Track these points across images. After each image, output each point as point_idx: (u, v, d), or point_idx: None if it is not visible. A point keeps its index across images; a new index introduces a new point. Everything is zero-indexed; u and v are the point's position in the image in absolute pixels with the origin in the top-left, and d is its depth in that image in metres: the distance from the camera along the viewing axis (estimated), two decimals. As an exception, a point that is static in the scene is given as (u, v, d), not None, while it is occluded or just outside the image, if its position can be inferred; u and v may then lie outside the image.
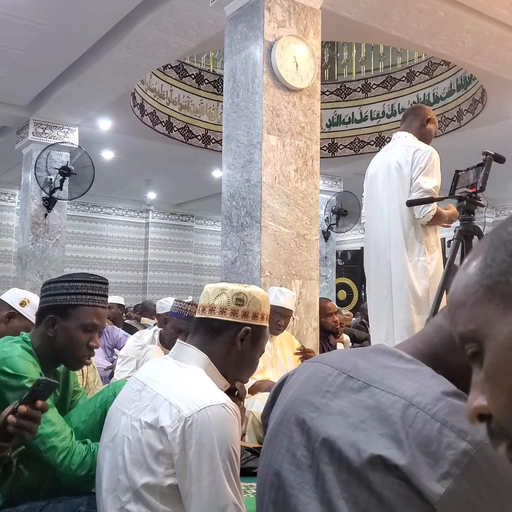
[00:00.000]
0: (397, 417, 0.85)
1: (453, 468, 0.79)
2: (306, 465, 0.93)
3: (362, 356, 1.01)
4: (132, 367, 3.48)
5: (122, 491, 1.29)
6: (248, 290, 1.45)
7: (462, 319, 0.57)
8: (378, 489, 0.83)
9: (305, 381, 1.03)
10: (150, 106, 7.81)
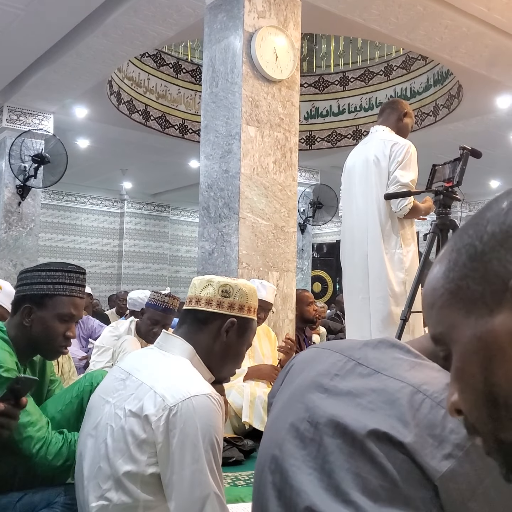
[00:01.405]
0: (404, 401, 0.87)
1: (456, 451, 0.82)
2: (309, 438, 0.95)
3: (372, 346, 1.02)
4: (108, 357, 3.46)
5: (103, 479, 1.28)
6: (234, 282, 1.45)
7: (432, 321, 0.58)
8: (382, 461, 0.85)
9: (314, 366, 1.05)
10: (127, 94, 7.73)
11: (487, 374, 0.53)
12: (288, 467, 0.96)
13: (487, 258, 0.53)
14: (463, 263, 0.55)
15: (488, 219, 0.57)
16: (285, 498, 0.95)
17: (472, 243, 0.56)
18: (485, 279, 0.53)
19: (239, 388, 3.20)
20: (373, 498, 0.85)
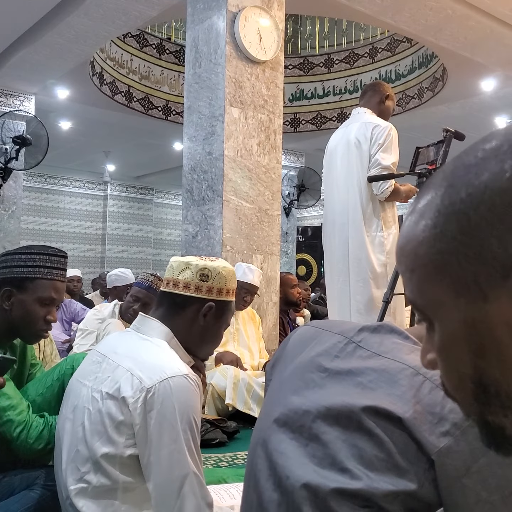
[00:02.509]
0: (405, 381, 0.89)
1: (453, 429, 0.84)
2: (303, 410, 0.95)
3: (371, 330, 1.03)
4: (91, 340, 3.45)
5: (81, 462, 1.28)
6: (213, 265, 1.44)
7: (411, 287, 0.51)
8: (379, 433, 0.87)
9: (314, 346, 1.05)
10: (110, 75, 7.63)
11: (478, 362, 0.48)
12: (284, 439, 0.97)
13: (483, 235, 0.45)
14: (453, 236, 0.47)
15: (486, 182, 0.46)
16: (276, 470, 0.96)
17: (465, 212, 0.46)
18: (480, 260, 0.45)
19: (222, 370, 3.20)
20: (368, 466, 0.86)
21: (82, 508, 1.26)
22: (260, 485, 0.98)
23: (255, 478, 1.02)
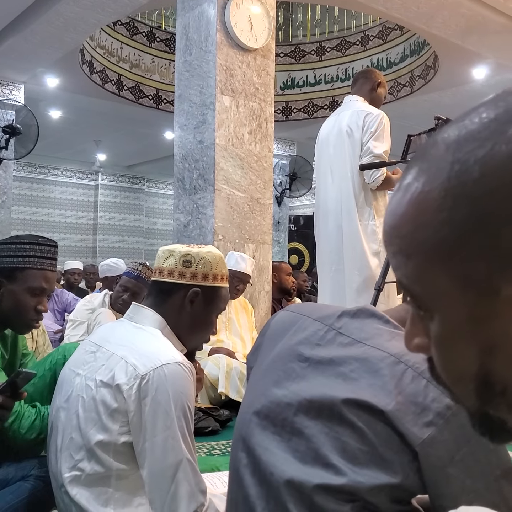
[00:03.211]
0: (386, 370, 0.89)
1: (437, 419, 0.84)
2: (285, 403, 0.95)
3: (351, 315, 1.02)
4: (82, 330, 3.44)
5: (75, 450, 1.29)
6: (196, 251, 1.43)
7: (406, 272, 0.46)
8: (361, 426, 0.86)
9: (294, 334, 1.04)
10: (100, 64, 7.56)
11: (485, 359, 0.44)
12: (267, 434, 0.96)
13: (499, 223, 0.40)
14: (464, 221, 0.41)
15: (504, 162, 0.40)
16: (260, 466, 0.95)
17: (478, 196, 0.40)
18: (493, 250, 0.40)
19: (215, 359, 3.21)
20: (352, 460, 0.86)
21: (75, 496, 1.26)
22: (245, 481, 0.98)
23: (238, 473, 1.01)
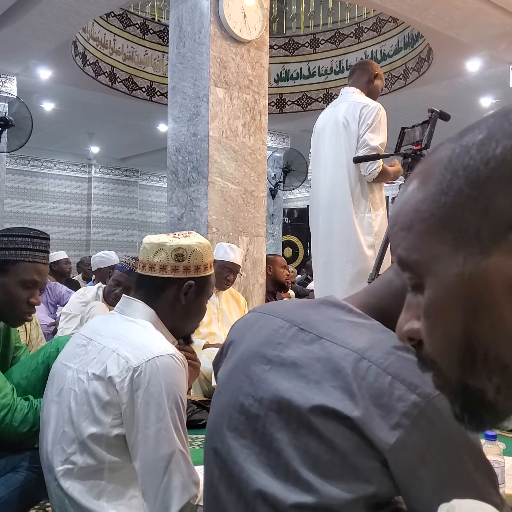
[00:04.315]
0: (349, 369, 0.86)
1: (404, 419, 0.82)
2: (254, 414, 0.93)
3: (313, 308, 1.00)
4: (75, 324, 3.44)
5: (68, 443, 1.29)
6: (187, 243, 1.42)
7: (406, 245, 0.51)
8: (330, 436, 0.84)
9: (256, 333, 1.03)
10: (93, 56, 7.52)
11: (469, 323, 0.48)
12: (237, 447, 0.94)
13: (491, 189, 0.46)
14: (460, 189, 0.47)
15: (497, 140, 0.47)
16: (234, 479, 0.94)
17: (474, 167, 0.47)
18: (484, 214, 0.46)
19: (209, 353, 3.21)
20: (324, 474, 0.84)
21: (68, 489, 1.26)
22: (221, 496, 0.96)
23: (213, 486, 1.00)
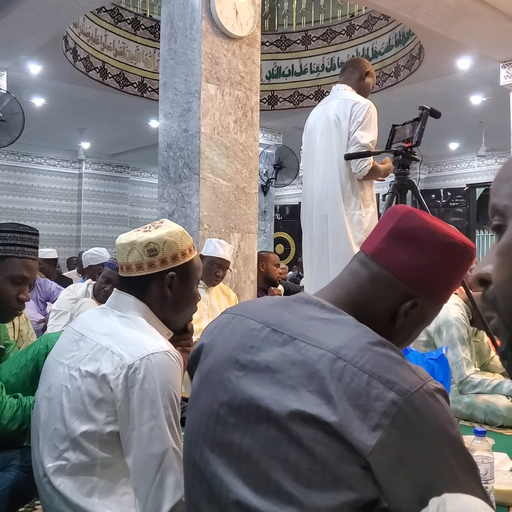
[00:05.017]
0: (325, 371, 0.85)
1: (383, 419, 0.81)
2: (231, 424, 0.92)
3: (286, 307, 0.99)
4: (65, 321, 3.43)
5: (60, 440, 1.28)
6: (156, 236, 1.39)
7: (501, 193, 0.60)
8: (309, 444, 0.83)
9: (228, 337, 1.01)
10: (84, 51, 7.47)
11: None
12: (216, 459, 0.93)
13: None
14: None
15: None
16: (214, 491, 0.92)
17: None
18: None
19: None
20: (305, 484, 0.83)
21: (59, 485, 1.25)
22: (203, 510, 0.95)
23: (195, 501, 0.99)
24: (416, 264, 0.95)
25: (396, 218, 0.98)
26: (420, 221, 0.96)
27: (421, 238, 0.95)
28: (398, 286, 0.96)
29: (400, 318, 0.97)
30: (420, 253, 0.95)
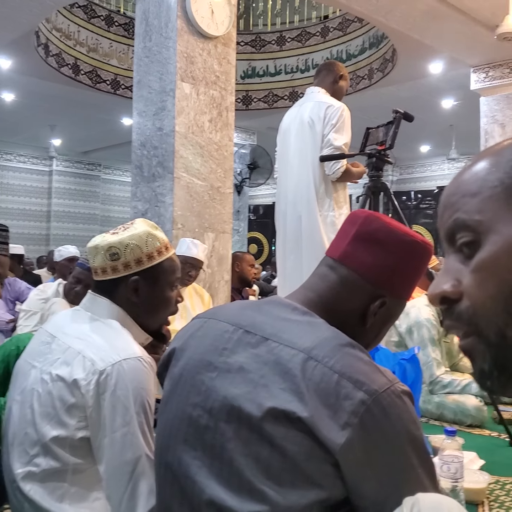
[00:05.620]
0: (297, 370, 0.86)
1: (351, 418, 0.82)
2: (204, 426, 0.92)
3: (258, 309, 1.00)
4: (35, 321, 3.38)
5: (30, 445, 1.25)
6: (118, 239, 1.35)
7: (468, 208, 0.58)
8: (281, 443, 0.84)
9: (200, 340, 1.01)
10: (56, 47, 7.37)
11: None
12: (188, 460, 0.93)
13: None
14: None
15: None
16: (186, 493, 0.93)
17: None
18: None
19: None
20: (276, 482, 0.84)
21: (29, 492, 1.23)
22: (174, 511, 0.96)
23: (166, 506, 0.99)
24: (381, 264, 1.01)
25: (359, 222, 1.05)
26: (381, 223, 1.02)
27: (383, 239, 1.01)
28: (366, 287, 1.01)
29: (370, 317, 1.02)
30: (384, 254, 1.01)
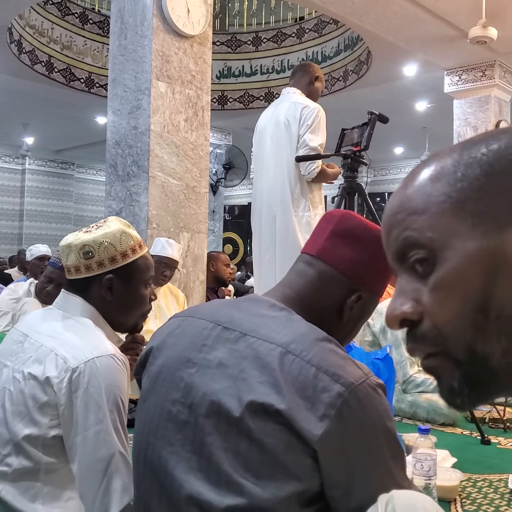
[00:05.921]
0: (275, 364, 0.88)
1: (329, 410, 0.84)
2: (183, 421, 0.93)
3: (236, 306, 1.02)
4: (6, 321, 3.35)
5: (2, 444, 1.24)
6: (92, 237, 1.34)
7: (417, 226, 0.55)
8: (259, 436, 0.85)
9: (179, 338, 1.02)
10: (29, 44, 7.28)
11: (489, 285, 0.52)
12: (166, 455, 0.94)
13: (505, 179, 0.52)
14: (476, 177, 0.53)
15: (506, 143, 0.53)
16: (165, 489, 0.93)
17: (487, 161, 0.53)
18: (501, 196, 0.52)
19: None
20: (254, 475, 0.85)
21: (1, 492, 1.21)
22: (154, 509, 0.96)
23: (144, 502, 0.99)
24: (358, 259, 1.05)
25: (335, 220, 1.09)
26: (357, 221, 1.08)
27: (359, 235, 1.06)
28: (343, 282, 1.05)
29: (347, 311, 1.05)
30: (360, 249, 1.05)
